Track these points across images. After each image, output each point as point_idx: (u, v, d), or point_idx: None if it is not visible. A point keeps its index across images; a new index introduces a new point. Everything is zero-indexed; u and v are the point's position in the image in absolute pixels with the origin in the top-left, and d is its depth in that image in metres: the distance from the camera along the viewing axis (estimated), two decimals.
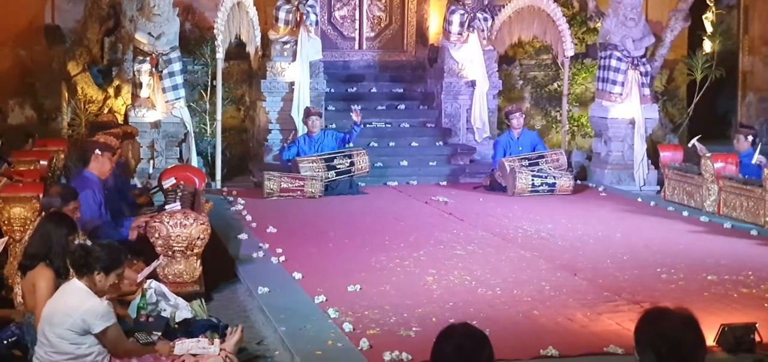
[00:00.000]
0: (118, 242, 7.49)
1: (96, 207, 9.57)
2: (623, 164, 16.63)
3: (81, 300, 6.57)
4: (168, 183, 10.02)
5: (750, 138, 14.00)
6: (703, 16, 20.81)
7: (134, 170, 15.24)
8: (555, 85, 18.91)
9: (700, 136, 15.04)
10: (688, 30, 19.09)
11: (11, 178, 10.65)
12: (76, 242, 7.26)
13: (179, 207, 9.69)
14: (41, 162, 11.87)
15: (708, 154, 13.98)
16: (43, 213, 8.38)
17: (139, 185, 12.17)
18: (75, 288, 6.66)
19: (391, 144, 17.22)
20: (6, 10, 16.78)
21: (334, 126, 16.84)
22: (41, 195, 9.12)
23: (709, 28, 20.54)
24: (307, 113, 15.86)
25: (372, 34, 19.18)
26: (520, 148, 15.91)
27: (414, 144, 17.33)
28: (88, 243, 7.30)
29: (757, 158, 13.54)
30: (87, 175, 10.00)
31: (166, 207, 10.01)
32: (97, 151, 10.10)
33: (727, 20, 21.00)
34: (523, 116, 16.45)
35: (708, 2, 20.60)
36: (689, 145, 14.61)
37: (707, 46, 20.24)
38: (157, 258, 9.09)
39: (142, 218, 9.82)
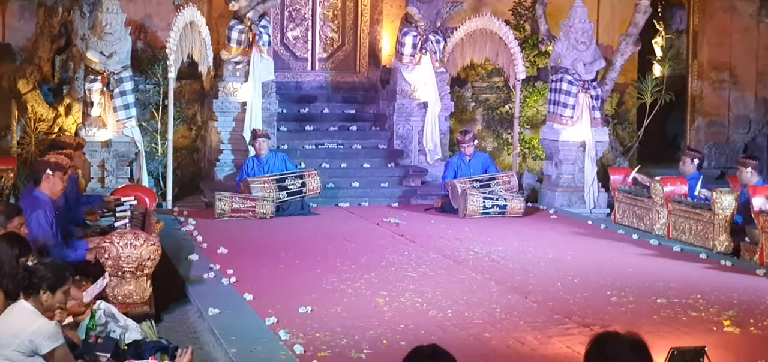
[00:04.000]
0: (71, 263, 7.38)
1: (48, 227, 9.44)
2: (574, 187, 16.72)
3: (28, 320, 6.49)
4: (124, 208, 9.87)
5: (696, 161, 14.13)
6: (653, 41, 21.05)
7: (84, 189, 15.11)
8: (507, 107, 18.98)
9: (638, 167, 15.22)
10: (638, 54, 19.26)
11: None
12: (28, 263, 7.17)
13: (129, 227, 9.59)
14: None
15: (648, 183, 14.12)
16: None
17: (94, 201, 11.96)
18: (22, 309, 6.58)
19: (342, 165, 17.20)
20: None
21: (285, 147, 16.82)
22: None
23: (658, 53, 20.76)
24: (255, 135, 15.83)
25: (325, 55, 19.18)
26: (472, 171, 15.95)
27: (366, 165, 17.32)
28: (33, 262, 7.21)
29: (698, 190, 13.61)
30: (38, 194, 9.84)
31: (116, 225, 9.90)
32: (49, 171, 9.93)
33: (677, 44, 21.26)
34: (476, 140, 16.48)
35: (658, 27, 20.83)
36: (630, 179, 14.74)
37: (657, 70, 20.46)
38: (103, 277, 8.98)
39: (97, 239, 9.71)
